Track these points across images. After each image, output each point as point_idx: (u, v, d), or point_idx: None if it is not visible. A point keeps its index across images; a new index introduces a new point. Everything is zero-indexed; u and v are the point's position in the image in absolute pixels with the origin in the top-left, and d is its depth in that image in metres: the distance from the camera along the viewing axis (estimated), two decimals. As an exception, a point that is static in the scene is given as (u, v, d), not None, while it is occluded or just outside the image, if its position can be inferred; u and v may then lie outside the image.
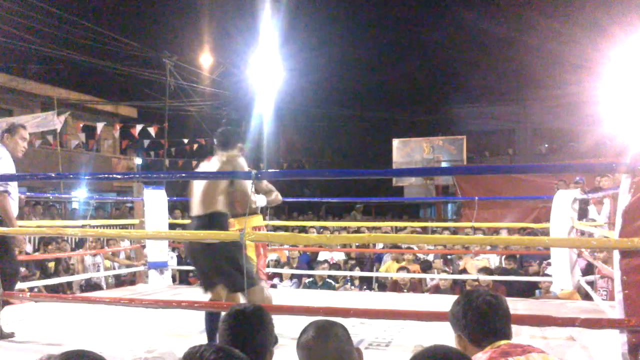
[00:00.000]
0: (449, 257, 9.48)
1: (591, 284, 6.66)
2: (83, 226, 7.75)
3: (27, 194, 7.66)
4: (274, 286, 9.09)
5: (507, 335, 2.28)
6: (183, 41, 25.54)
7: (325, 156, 30.88)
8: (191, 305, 5.06)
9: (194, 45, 24.34)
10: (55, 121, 13.89)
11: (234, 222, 5.07)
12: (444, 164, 18.18)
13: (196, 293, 5.45)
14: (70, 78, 22.20)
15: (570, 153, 22.33)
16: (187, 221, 11.01)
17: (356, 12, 35.23)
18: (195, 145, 21.24)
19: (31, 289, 7.23)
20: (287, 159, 29.52)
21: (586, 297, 6.67)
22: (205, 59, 23.17)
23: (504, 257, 8.97)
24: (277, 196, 5.35)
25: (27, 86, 20.32)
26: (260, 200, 5.17)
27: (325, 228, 12.28)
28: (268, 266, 9.52)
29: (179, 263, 9.60)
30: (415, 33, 35.72)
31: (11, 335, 4.71)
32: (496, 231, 10.14)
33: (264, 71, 20.17)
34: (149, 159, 25.17)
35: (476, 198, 8.56)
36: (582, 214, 7.50)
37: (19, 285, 6.67)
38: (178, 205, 11.61)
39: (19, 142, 4.94)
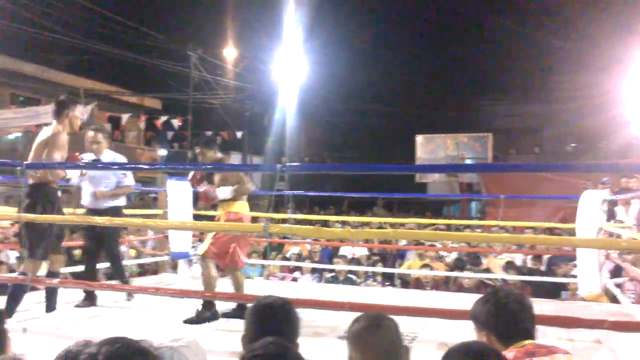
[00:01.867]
0: (471, 255, 9.39)
1: (619, 286, 6.56)
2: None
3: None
4: (294, 280, 9.08)
5: (532, 336, 2.29)
6: (208, 34, 25.59)
7: (347, 151, 30.79)
8: (214, 295, 5.08)
9: (218, 38, 24.42)
10: (81, 111, 14.00)
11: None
12: (468, 162, 18.01)
13: (219, 284, 5.47)
14: (96, 69, 22.39)
15: (598, 153, 22.03)
16: (211, 212, 11.06)
17: (381, 7, 35.02)
18: (219, 139, 21.30)
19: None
20: (308, 153, 29.49)
21: (613, 300, 6.57)
22: (230, 52, 23.23)
23: (529, 257, 8.88)
24: (247, 188, 5.28)
25: (54, 76, 20.51)
26: (222, 193, 5.25)
27: (347, 223, 12.24)
28: (289, 259, 9.53)
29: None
30: (441, 29, 35.48)
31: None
32: (522, 230, 10.03)
33: (288, 65, 20.17)
34: (172, 150, 25.30)
35: (502, 196, 8.46)
36: (610, 215, 7.39)
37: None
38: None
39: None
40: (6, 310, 4.53)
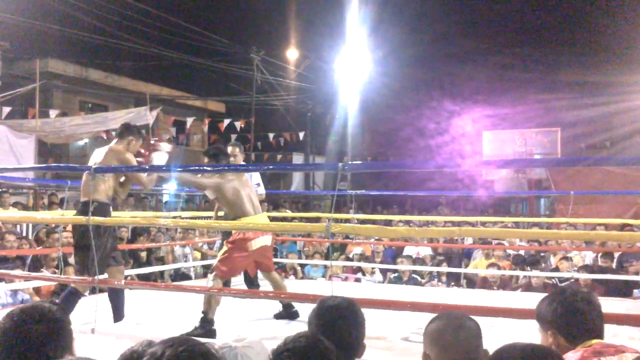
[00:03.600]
0: (541, 254, 9.13)
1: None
2: (174, 217, 7.95)
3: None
4: (357, 280, 9.03)
5: (600, 335, 2.26)
6: (270, 36, 25.87)
7: (411, 149, 30.42)
8: (277, 295, 5.10)
9: (279, 39, 24.60)
10: (147, 116, 14.41)
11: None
12: (536, 157, 17.46)
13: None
14: (161, 74, 22.91)
15: (673, 146, 21.08)
16: (273, 213, 11.16)
17: (445, 3, 34.56)
18: (282, 140, 21.44)
19: (125, 277, 7.47)
20: (371, 152, 29.32)
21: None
22: (292, 53, 23.35)
23: (599, 254, 8.57)
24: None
25: (121, 82, 21.12)
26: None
27: (411, 222, 12.11)
28: (352, 260, 9.48)
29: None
30: (507, 24, 34.70)
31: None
32: (593, 228, 9.70)
33: (349, 63, 20.12)
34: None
35: (572, 192, 8.20)
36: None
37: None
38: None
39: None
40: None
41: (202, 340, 1.56)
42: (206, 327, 4.83)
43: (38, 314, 1.89)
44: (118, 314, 4.92)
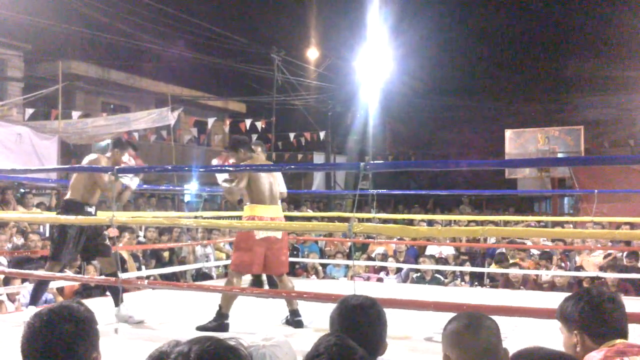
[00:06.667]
0: (566, 253, 9.02)
1: None
2: (196, 217, 7.98)
3: (144, 186, 8.06)
4: (380, 280, 8.99)
5: (625, 335, 2.26)
6: (291, 36, 25.82)
7: (433, 148, 30.27)
8: (300, 295, 5.09)
9: (301, 39, 24.57)
10: (169, 117, 14.47)
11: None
12: (560, 156, 17.26)
13: (304, 284, 5.48)
14: (182, 75, 22.99)
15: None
16: (294, 213, 11.15)
17: (468, 1, 34.21)
18: (303, 139, 21.44)
19: (148, 277, 7.52)
20: (393, 151, 29.22)
21: None
22: (312, 53, 23.32)
23: (624, 254, 8.45)
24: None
25: (142, 83, 21.26)
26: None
27: (433, 221, 12.04)
28: (374, 259, 9.44)
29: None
30: (529, 20, 34.29)
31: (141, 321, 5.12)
32: (618, 227, 9.58)
33: (371, 62, 20.07)
34: (257, 152, 25.49)
35: (595, 191, 8.10)
36: None
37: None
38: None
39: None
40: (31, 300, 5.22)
41: (231, 335, 1.56)
42: (219, 320, 4.90)
43: (67, 314, 1.90)
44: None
